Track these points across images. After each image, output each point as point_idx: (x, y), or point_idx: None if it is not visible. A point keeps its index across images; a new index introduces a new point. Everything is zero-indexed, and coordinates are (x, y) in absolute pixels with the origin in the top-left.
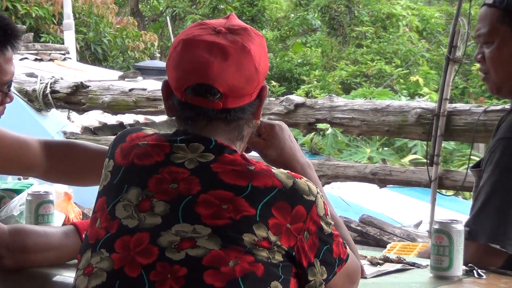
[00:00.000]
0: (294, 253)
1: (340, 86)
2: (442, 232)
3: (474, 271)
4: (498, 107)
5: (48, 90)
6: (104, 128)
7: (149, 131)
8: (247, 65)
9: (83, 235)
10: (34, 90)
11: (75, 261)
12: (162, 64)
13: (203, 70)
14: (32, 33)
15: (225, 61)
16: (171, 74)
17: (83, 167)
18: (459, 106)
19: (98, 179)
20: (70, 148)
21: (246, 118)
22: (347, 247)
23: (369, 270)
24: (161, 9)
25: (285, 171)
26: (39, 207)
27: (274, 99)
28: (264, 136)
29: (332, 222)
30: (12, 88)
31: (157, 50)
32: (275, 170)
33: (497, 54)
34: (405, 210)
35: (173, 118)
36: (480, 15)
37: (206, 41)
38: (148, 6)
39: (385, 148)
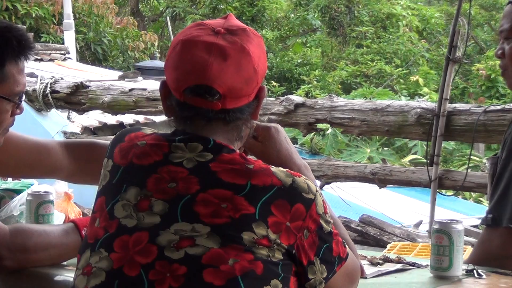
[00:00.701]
0: (294, 251)
1: (340, 86)
2: (442, 232)
3: (474, 271)
4: (498, 107)
5: (48, 90)
6: (104, 128)
7: (148, 130)
8: (246, 66)
9: (83, 232)
10: (34, 90)
11: (75, 261)
12: (162, 64)
13: (203, 71)
14: (32, 33)
15: (225, 62)
16: (170, 75)
17: None
18: (459, 106)
19: None
20: (93, 148)
21: (245, 119)
22: (347, 246)
23: (369, 270)
24: (161, 9)
25: (284, 169)
26: (39, 207)
27: (274, 99)
28: (260, 139)
29: (332, 221)
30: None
31: (157, 50)
32: (274, 168)
33: None
34: (405, 210)
35: (171, 118)
36: (504, 12)
37: (205, 41)
38: (148, 6)
39: (385, 148)
